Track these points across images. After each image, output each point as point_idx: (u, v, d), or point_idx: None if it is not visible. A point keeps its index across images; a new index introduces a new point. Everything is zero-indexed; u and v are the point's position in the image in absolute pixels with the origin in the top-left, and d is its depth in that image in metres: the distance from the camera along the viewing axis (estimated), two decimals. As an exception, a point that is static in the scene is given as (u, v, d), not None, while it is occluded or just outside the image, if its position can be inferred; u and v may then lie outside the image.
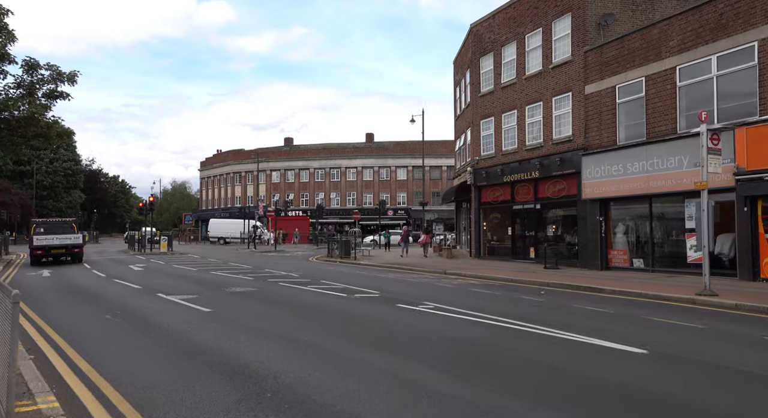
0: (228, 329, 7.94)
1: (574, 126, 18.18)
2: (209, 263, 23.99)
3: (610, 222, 17.15)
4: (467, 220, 26.73)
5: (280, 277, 16.06)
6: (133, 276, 17.14)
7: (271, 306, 10.26)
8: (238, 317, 8.90)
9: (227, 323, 8.36)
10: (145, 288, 13.49)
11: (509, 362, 5.94)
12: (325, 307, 10.00)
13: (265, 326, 8.16)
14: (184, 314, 9.30)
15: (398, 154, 58.92)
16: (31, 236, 23.37)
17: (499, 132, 22.10)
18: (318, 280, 14.84)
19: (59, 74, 16.46)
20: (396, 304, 10.06)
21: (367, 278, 15.91)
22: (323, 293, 11.93)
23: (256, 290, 12.70)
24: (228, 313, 9.39)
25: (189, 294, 11.98)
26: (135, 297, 11.89)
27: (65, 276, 18.00)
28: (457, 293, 12.06)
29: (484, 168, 22.84)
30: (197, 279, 15.80)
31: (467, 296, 11.57)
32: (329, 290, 12.44)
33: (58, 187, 72.14)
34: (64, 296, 12.36)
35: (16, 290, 3.59)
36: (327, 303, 10.48)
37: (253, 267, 20.42)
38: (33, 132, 15.84)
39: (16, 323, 3.53)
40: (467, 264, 20.61)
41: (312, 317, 8.99)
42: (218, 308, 9.84)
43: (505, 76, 21.70)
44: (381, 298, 11.05)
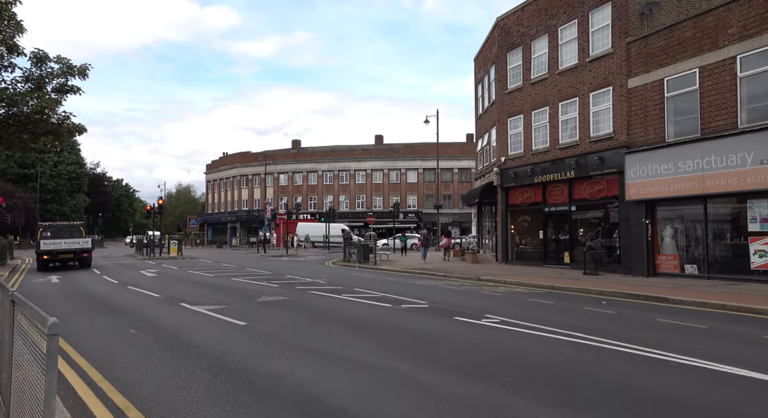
0: (273, 347, 6.89)
1: (616, 123, 17.12)
2: (224, 268, 22.93)
3: (656, 225, 16.06)
4: (491, 223, 25.65)
5: (306, 284, 14.99)
6: (148, 283, 16.10)
7: (312, 319, 9.18)
8: (280, 333, 7.83)
9: (270, 340, 7.30)
10: (165, 297, 12.44)
11: (646, 398, 4.86)
12: (374, 320, 8.91)
13: (314, 343, 7.10)
14: (217, 329, 8.24)
15: (408, 156, 57.90)
16: (37, 240, 22.36)
17: (529, 130, 21.05)
18: (350, 287, 13.76)
19: (69, 67, 15.47)
20: (453, 316, 8.96)
21: (401, 285, 14.83)
22: (364, 304, 10.85)
23: (287, 299, 11.63)
24: (266, 327, 8.32)
25: (216, 304, 10.92)
26: (156, 307, 10.84)
27: (75, 283, 16.96)
28: (512, 304, 10.97)
29: (512, 168, 21.78)
30: (218, 286, 14.74)
31: (525, 306, 10.47)
32: (369, 300, 11.36)
33: (63, 190, 71.29)
34: (79, 306, 11.32)
35: (53, 317, 2.54)
36: (374, 315, 9.40)
37: (273, 273, 19.35)
38: (43, 128, 14.85)
39: (54, 365, 2.49)
40: (497, 270, 19.52)
41: (363, 332, 7.91)
42: (254, 321, 8.78)
43: (535, 72, 20.68)
44: (432, 309, 9.95)
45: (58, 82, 15.51)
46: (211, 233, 68.03)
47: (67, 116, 14.87)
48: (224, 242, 60.52)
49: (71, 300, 12.48)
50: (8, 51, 13.89)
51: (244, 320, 8.85)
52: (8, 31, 13.58)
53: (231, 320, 8.93)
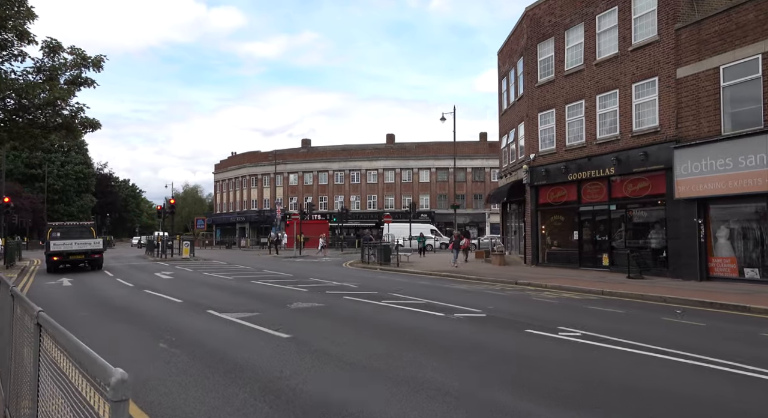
0: (330, 367, 5.88)
1: (662, 115, 16.03)
2: (241, 270, 21.98)
3: (710, 225, 14.95)
4: (518, 223, 24.57)
5: (336, 288, 13.98)
6: (165, 286, 15.14)
7: (361, 330, 8.16)
8: (332, 348, 6.82)
9: (323, 358, 6.29)
10: (188, 302, 11.47)
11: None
12: (433, 332, 7.85)
13: (377, 362, 6.08)
14: (259, 343, 7.24)
15: (420, 155, 56.81)
16: (47, 241, 21.49)
17: (562, 125, 19.97)
18: (385, 292, 12.74)
19: (83, 58, 14.52)
20: (524, 329, 7.87)
21: (439, 290, 13.78)
22: (412, 312, 9.80)
23: (322, 306, 10.62)
24: (314, 340, 7.31)
25: (246, 311, 9.94)
26: (181, 314, 9.87)
27: (88, 286, 16.04)
28: (576, 312, 9.91)
29: (543, 165, 20.71)
30: (241, 291, 13.76)
31: (594, 316, 9.39)
32: (414, 307, 10.31)
33: (70, 191, 70.71)
34: (96, 312, 10.36)
35: (119, 369, 1.54)
36: (430, 326, 8.33)
37: (295, 275, 18.36)
38: (54, 122, 13.93)
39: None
40: (531, 273, 18.46)
41: (428, 347, 6.89)
42: (297, 333, 7.77)
43: (569, 63, 19.60)
44: (492, 319, 8.87)
45: (71, 74, 14.58)
46: (220, 234, 67.23)
47: (81, 108, 13.92)
48: (233, 243, 59.68)
49: (87, 305, 11.53)
50: (18, 38, 12.98)
51: (285, 332, 7.84)
52: (19, 17, 12.68)
53: (271, 331, 7.93)
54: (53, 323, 2.53)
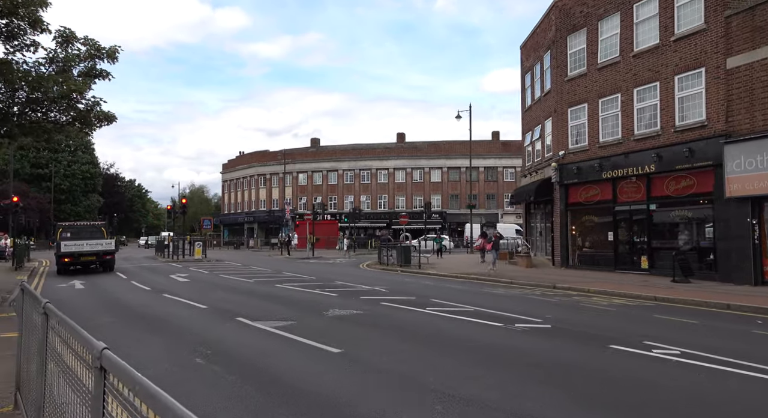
0: (412, 393, 5.02)
1: (710, 108, 15.08)
2: (258, 272, 21.16)
3: (764, 226, 14.00)
4: (544, 223, 23.66)
5: (367, 293, 13.11)
6: (184, 290, 14.33)
7: (420, 344, 7.27)
8: (398, 368, 5.95)
9: (396, 382, 5.43)
10: (213, 309, 10.64)
11: None
12: (505, 349, 6.91)
13: (461, 387, 5.21)
14: (308, 359, 6.39)
15: (432, 154, 55.89)
16: (57, 242, 20.74)
17: (595, 120, 19.05)
18: (424, 298, 11.86)
19: (97, 49, 13.71)
20: (607, 344, 6.91)
21: (479, 295, 12.87)
22: (465, 321, 8.86)
23: (362, 313, 9.76)
24: (370, 357, 6.45)
25: (280, 319, 9.09)
26: (210, 323, 9.03)
27: (103, 289, 15.26)
28: (647, 323, 8.99)
29: (574, 163, 19.78)
30: (267, 296, 12.92)
31: (670, 328, 8.42)
32: (464, 316, 9.40)
33: (77, 190, 70.22)
34: (118, 320, 9.55)
35: None
36: (497, 341, 7.38)
37: (318, 278, 17.50)
38: (69, 116, 13.14)
39: None
40: (565, 275, 17.54)
41: (509, 368, 6.00)
42: (348, 347, 6.89)
43: (603, 55, 18.68)
44: (560, 331, 7.92)
45: (85, 66, 13.78)
46: (227, 234, 66.56)
47: (97, 102, 13.11)
48: (241, 243, 58.97)
49: (105, 310, 10.73)
50: (31, 26, 12.20)
51: (332, 345, 6.98)
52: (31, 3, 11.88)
53: (317, 344, 7.07)
54: (123, 367, 1.70)
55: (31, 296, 4.19)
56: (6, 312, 10.42)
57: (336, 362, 6.18)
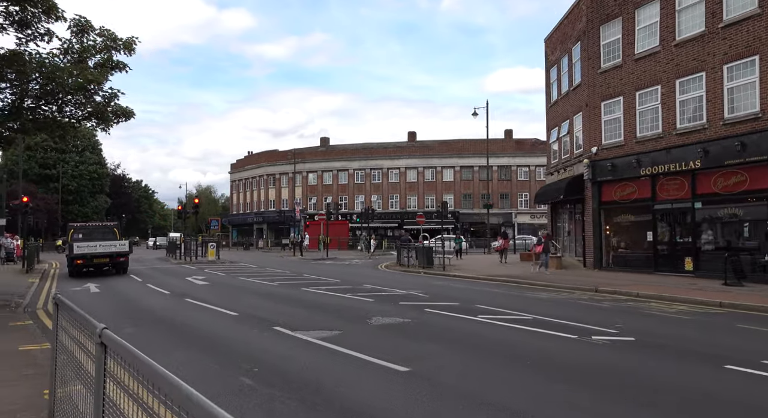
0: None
1: (765, 99, 14.11)
2: (277, 274, 20.33)
3: (828, 223, 13.06)
4: (572, 223, 22.72)
5: (405, 298, 12.24)
6: (206, 294, 13.52)
7: (492, 361, 6.40)
8: (478, 391, 5.10)
9: (488, 412, 4.57)
10: (245, 316, 9.81)
11: None
12: (600, 369, 5.94)
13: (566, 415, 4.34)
14: (374, 380, 5.55)
15: (444, 153, 54.96)
16: (69, 243, 20.00)
17: (632, 114, 18.11)
18: (468, 303, 10.98)
19: (113, 40, 12.91)
20: (722, 364, 5.98)
21: (524, 300, 11.98)
22: (532, 332, 7.92)
23: (409, 322, 8.90)
24: (445, 377, 5.58)
25: (322, 329, 8.25)
26: (245, 333, 8.20)
27: (120, 293, 14.48)
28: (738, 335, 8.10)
29: (608, 159, 18.84)
30: (297, 301, 12.09)
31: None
32: (527, 326, 8.45)
33: (84, 191, 69.72)
34: (141, 328, 8.74)
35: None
36: (584, 358, 6.39)
37: (343, 281, 16.66)
38: (85, 110, 12.36)
39: None
40: (602, 278, 16.62)
41: (610, 392, 5.13)
42: (414, 364, 6.03)
43: (641, 45, 17.74)
44: (645, 345, 6.94)
45: (101, 57, 12.99)
46: (236, 235, 65.87)
47: (115, 94, 12.32)
48: (250, 244, 58.27)
49: (128, 319, 9.93)
50: (45, 14, 11.44)
51: (396, 362, 6.12)
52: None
53: (378, 361, 6.20)
54: None
55: (72, 314, 3.36)
56: (21, 320, 9.64)
57: (406, 383, 5.32)
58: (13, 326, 8.99)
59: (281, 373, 5.82)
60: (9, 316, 10.29)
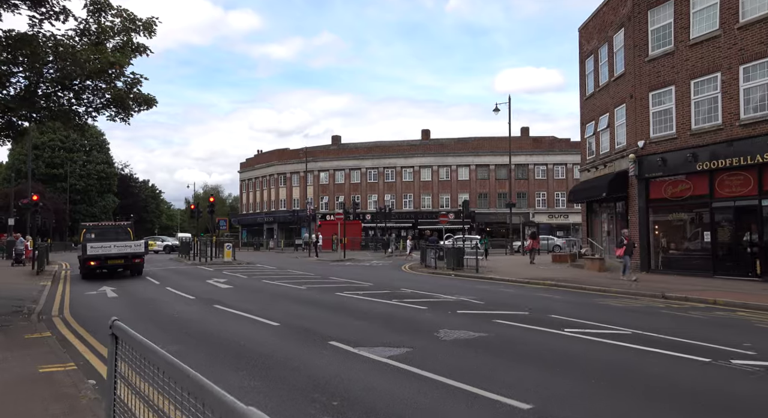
0: None
1: None
2: (301, 276, 19.14)
3: None
4: (614, 222, 21.41)
5: (459, 305, 11.00)
6: (234, 299, 12.34)
7: (617, 392, 5.19)
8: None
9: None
10: (289, 327, 8.62)
11: None
12: (760, 406, 4.84)
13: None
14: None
15: (459, 151, 53.66)
16: (83, 244, 18.89)
17: (686, 105, 16.80)
18: (542, 313, 9.71)
19: (132, 21, 11.75)
20: None
21: (597, 308, 10.67)
22: (647, 353, 6.57)
23: (489, 336, 7.65)
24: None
25: (388, 346, 7.06)
26: (299, 349, 7.01)
27: (140, 298, 13.35)
28: None
29: (658, 154, 17.55)
30: (338, 307, 10.89)
31: None
32: (631, 343, 7.09)
33: (92, 191, 68.93)
34: (173, 341, 7.57)
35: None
36: (734, 390, 5.22)
37: (378, 285, 15.45)
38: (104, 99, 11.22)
39: None
40: (658, 282, 15.33)
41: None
42: (532, 399, 4.82)
43: (697, 29, 16.43)
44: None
45: (120, 39, 11.84)
46: (246, 235, 64.81)
47: (138, 80, 11.19)
48: (261, 244, 57.21)
49: (153, 329, 8.77)
50: (60, -11, 10.35)
51: (507, 394, 4.90)
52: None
53: (486, 394, 4.96)
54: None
55: (148, 356, 2.21)
56: (38, 331, 8.47)
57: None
58: (29, 339, 7.84)
59: (367, 409, 4.62)
60: (23, 326, 9.15)
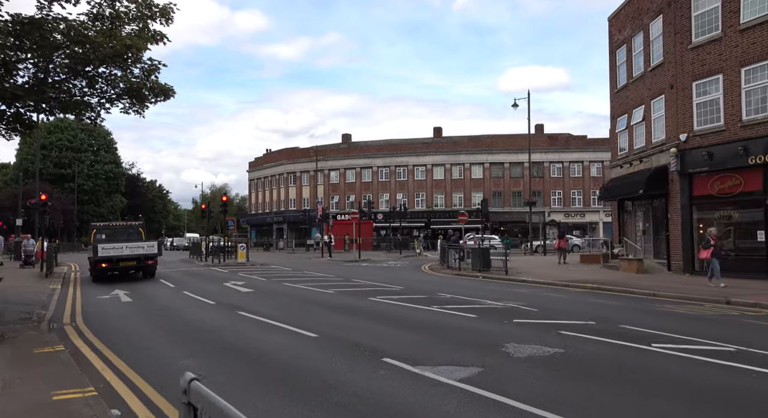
0: None
1: None
2: (322, 278, 18.19)
3: None
4: (650, 221, 20.30)
5: (511, 312, 10.00)
6: (259, 305, 11.40)
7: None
8: None
9: None
10: (330, 339, 7.65)
11: None
12: None
13: None
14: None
15: (472, 149, 52.54)
16: (94, 245, 18.03)
17: (735, 94, 15.67)
18: (610, 324, 8.64)
19: (148, 6, 10.83)
20: None
21: (669, 317, 9.58)
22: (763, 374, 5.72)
23: (563, 352, 6.65)
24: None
25: (452, 363, 6.08)
26: (350, 368, 6.04)
27: (156, 303, 12.44)
28: None
29: (703, 148, 16.42)
30: (377, 315, 9.92)
31: None
32: (748, 364, 6.08)
33: (100, 191, 68.39)
34: (198, 358, 6.62)
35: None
36: None
37: (410, 289, 14.47)
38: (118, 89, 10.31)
39: None
40: (708, 285, 14.23)
41: None
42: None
43: (748, 13, 15.26)
44: None
45: (135, 27, 10.92)
46: (255, 235, 64.01)
47: (156, 66, 10.28)
48: (270, 244, 56.37)
49: (176, 341, 7.85)
50: (71, -34, 9.45)
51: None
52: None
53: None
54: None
55: None
56: (49, 344, 7.55)
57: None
58: (40, 354, 6.93)
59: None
60: (32, 337, 8.26)
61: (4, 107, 9.68)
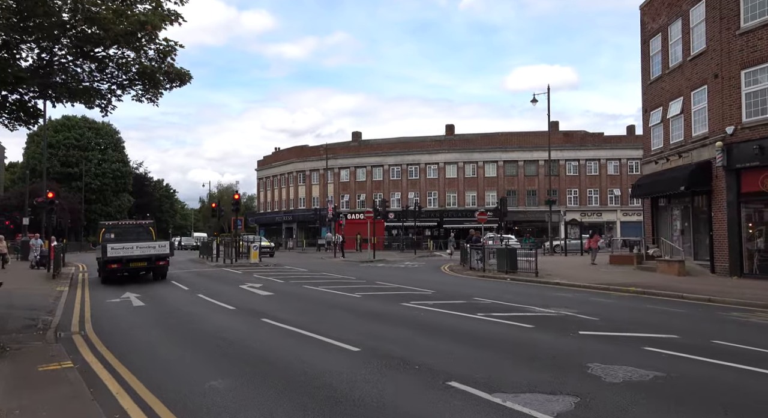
0: None
1: None
2: (341, 280, 17.20)
3: None
4: (690, 220, 19.13)
5: (572, 322, 8.94)
6: (283, 311, 10.41)
7: None
8: None
9: None
10: (374, 354, 6.64)
11: None
12: None
13: None
14: None
15: (486, 147, 51.39)
16: (103, 245, 17.14)
17: (791, 84, 14.55)
18: (698, 337, 7.48)
19: (161, -18, 9.86)
20: None
21: (751, 329, 8.58)
22: None
23: (664, 376, 5.56)
24: None
25: (537, 391, 5.05)
26: (412, 395, 5.03)
27: (170, 308, 11.49)
28: None
29: (753, 141, 15.26)
30: (418, 324, 8.89)
31: None
32: None
33: (107, 190, 67.82)
34: (228, 377, 5.64)
35: None
36: None
37: (441, 292, 13.42)
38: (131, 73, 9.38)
39: None
40: (765, 289, 13.11)
41: None
42: None
43: (807, -3, 14.17)
44: None
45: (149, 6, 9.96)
46: (264, 234, 63.18)
47: (172, 47, 9.32)
48: (280, 244, 55.52)
49: (199, 355, 6.87)
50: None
51: None
52: None
53: None
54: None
55: None
56: (56, 359, 6.56)
57: None
58: (45, 372, 5.96)
59: None
60: (37, 348, 7.32)
61: (6, 93, 8.75)
